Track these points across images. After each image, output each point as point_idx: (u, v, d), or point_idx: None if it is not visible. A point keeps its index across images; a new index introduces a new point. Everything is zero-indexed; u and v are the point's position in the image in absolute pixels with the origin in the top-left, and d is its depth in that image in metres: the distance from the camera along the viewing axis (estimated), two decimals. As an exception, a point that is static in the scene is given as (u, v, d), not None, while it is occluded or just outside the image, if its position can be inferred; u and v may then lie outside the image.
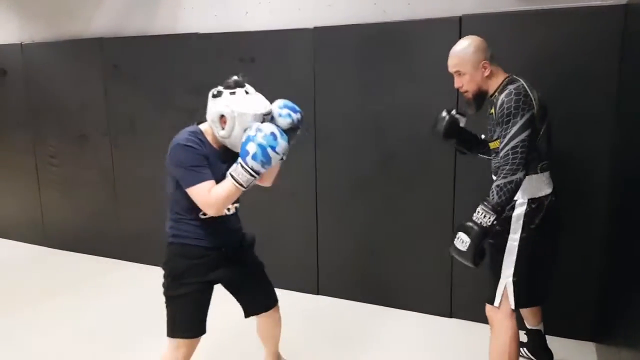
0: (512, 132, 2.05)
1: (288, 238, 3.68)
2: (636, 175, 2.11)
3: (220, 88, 2.04)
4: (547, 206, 2.20)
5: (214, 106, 2.02)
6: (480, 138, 2.57)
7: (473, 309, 2.41)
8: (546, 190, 2.23)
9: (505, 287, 2.20)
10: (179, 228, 2.10)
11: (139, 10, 4.08)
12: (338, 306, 3.51)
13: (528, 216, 2.17)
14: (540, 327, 2.66)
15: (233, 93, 2.01)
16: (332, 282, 3.62)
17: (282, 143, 1.91)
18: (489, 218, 2.02)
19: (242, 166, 1.91)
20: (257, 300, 2.33)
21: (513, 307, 2.19)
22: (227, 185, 1.94)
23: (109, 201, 4.38)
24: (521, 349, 2.77)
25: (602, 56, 2.68)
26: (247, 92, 2.04)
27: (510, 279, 2.18)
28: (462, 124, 2.49)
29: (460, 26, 2.92)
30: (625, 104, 2.53)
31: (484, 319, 3.06)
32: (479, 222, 2.04)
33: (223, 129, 2.00)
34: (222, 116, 1.99)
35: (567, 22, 2.73)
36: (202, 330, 2.14)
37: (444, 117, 2.47)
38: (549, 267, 2.35)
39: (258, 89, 3.19)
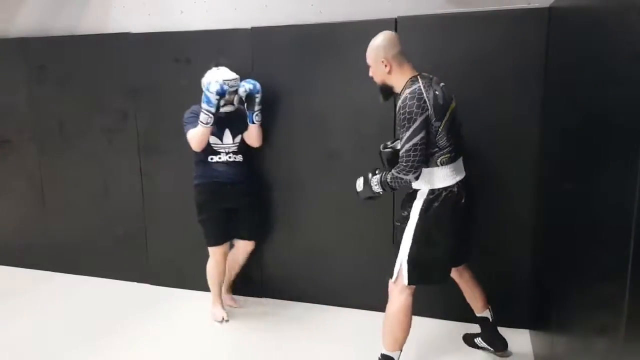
0: (407, 135, 2.24)
1: (229, 241, 3.62)
2: (561, 170, 2.23)
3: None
4: (446, 197, 2.36)
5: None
6: None
7: (415, 304, 2.49)
8: (446, 182, 2.37)
9: (400, 266, 2.41)
10: (196, 170, 3.18)
11: (67, 8, 3.89)
12: (281, 307, 3.49)
13: (425, 205, 2.36)
14: (486, 314, 2.76)
15: (210, 70, 3.03)
16: (275, 283, 3.59)
17: (213, 85, 2.88)
18: (378, 189, 2.45)
19: (201, 109, 2.94)
20: (241, 229, 3.33)
21: (406, 283, 2.41)
22: (198, 126, 2.97)
23: (37, 210, 4.14)
24: (477, 339, 2.87)
25: (528, 57, 2.81)
26: (217, 69, 3.04)
27: (405, 259, 2.39)
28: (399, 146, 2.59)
29: (395, 27, 2.98)
30: (550, 104, 2.67)
31: (425, 313, 3.14)
32: (371, 183, 2.48)
33: None
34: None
35: (495, 25, 2.85)
36: (219, 242, 3.20)
37: (384, 152, 2.61)
38: (446, 255, 2.45)
39: (194, 89, 3.15)
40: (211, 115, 2.91)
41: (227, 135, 3.13)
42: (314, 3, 3.30)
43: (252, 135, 3.19)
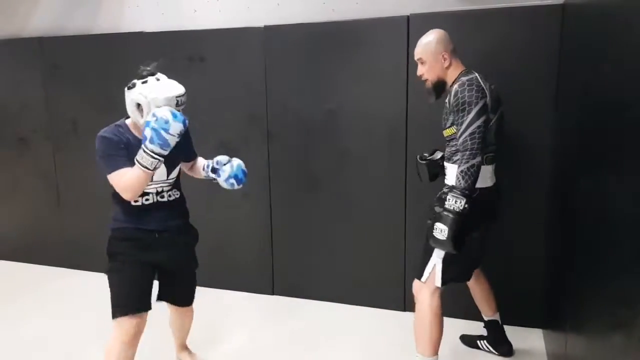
0: (469, 119, 2.17)
1: (242, 239, 3.64)
2: (574, 168, 2.21)
3: (134, 81, 2.15)
4: (485, 197, 2.31)
5: (129, 97, 2.15)
6: None
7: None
8: (487, 182, 2.34)
9: (434, 266, 2.33)
10: (116, 211, 2.28)
11: (81, 8, 3.93)
12: (294, 305, 3.50)
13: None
14: (497, 317, 2.74)
15: (145, 82, 2.13)
16: (287, 281, 3.60)
17: (175, 124, 2.02)
18: (461, 202, 2.13)
19: (144, 150, 2.03)
20: (175, 293, 2.50)
21: (439, 285, 2.34)
22: (135, 170, 2.08)
23: (51, 207, 4.20)
24: (480, 341, 2.85)
25: (541, 54, 2.80)
26: (157, 79, 2.15)
27: (441, 259, 2.31)
28: (439, 157, 2.60)
29: (408, 25, 2.97)
30: (564, 101, 2.65)
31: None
32: (452, 208, 2.14)
33: (142, 116, 2.12)
34: (139, 105, 2.12)
35: (507, 22, 2.84)
36: (139, 307, 2.20)
37: (422, 165, 2.59)
38: (477, 253, 2.47)
39: (208, 88, 3.14)
40: (162, 160, 2.06)
41: (161, 171, 2.24)
42: (325, 1, 3.31)
43: (201, 166, 2.48)
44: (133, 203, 2.23)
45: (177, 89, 2.16)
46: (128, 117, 2.24)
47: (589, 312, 1.87)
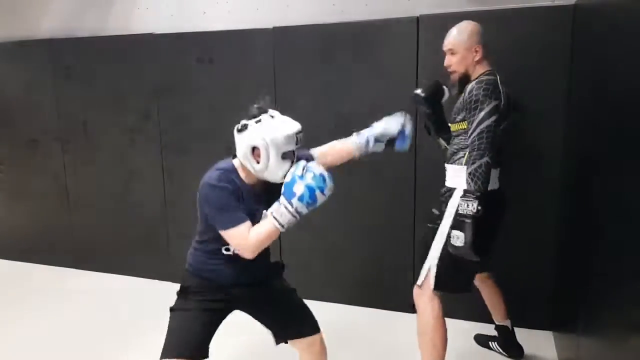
0: (479, 118, 2.12)
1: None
2: (586, 169, 2.20)
3: (244, 121, 1.92)
4: (486, 202, 2.19)
5: (243, 141, 1.90)
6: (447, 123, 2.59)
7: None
8: (491, 185, 2.24)
9: (429, 269, 2.26)
10: (196, 259, 2.06)
11: (91, 10, 3.96)
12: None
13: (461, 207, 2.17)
14: (507, 323, 2.72)
15: (259, 121, 1.90)
16: (293, 282, 3.59)
17: (330, 185, 1.85)
18: (473, 205, 2.06)
19: (285, 207, 1.83)
20: (287, 325, 2.20)
21: (432, 288, 2.25)
22: (268, 227, 1.85)
23: (61, 208, 4.22)
24: (491, 342, 2.84)
25: (552, 55, 2.78)
26: (272, 117, 1.93)
27: (435, 261, 2.24)
28: (444, 98, 2.51)
29: (417, 26, 2.97)
30: (575, 103, 2.63)
31: (445, 313, 3.11)
32: (464, 212, 2.08)
33: (258, 162, 1.88)
34: (254, 148, 1.88)
35: (519, 22, 2.82)
36: (201, 354, 1.97)
37: (434, 83, 2.48)
38: (474, 261, 2.29)
39: (217, 89, 3.14)
40: (299, 218, 1.90)
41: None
42: (335, 2, 3.31)
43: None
44: (224, 252, 1.98)
45: (294, 125, 1.95)
46: (234, 157, 1.99)
47: (603, 314, 1.85)
